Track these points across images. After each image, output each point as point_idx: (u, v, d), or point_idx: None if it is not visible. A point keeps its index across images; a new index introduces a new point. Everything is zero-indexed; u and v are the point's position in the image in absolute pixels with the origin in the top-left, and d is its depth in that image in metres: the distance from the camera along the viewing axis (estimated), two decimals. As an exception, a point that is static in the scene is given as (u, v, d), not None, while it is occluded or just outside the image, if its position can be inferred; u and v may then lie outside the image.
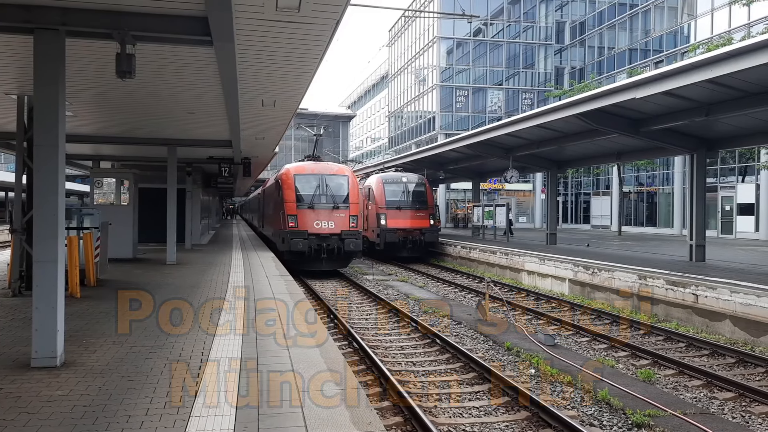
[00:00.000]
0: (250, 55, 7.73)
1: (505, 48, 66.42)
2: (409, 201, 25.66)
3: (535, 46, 67.03)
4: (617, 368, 9.29)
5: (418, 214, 25.46)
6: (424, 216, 25.56)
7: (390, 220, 24.85)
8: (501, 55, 66.55)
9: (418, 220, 25.22)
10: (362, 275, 21.04)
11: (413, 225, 25.08)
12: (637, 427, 6.59)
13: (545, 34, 67.00)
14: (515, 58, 66.81)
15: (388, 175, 27.67)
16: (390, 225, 24.77)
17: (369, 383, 8.15)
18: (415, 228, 25.07)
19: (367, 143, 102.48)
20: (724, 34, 38.51)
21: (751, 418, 7.15)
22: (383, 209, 25.21)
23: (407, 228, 24.96)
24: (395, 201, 25.48)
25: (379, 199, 25.59)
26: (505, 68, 66.76)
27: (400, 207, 25.33)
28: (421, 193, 26.35)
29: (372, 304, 15.04)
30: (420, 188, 26.53)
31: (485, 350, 10.33)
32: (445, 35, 65.24)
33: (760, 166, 34.20)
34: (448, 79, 66.26)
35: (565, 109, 16.81)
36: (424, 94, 69.29)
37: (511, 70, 66.95)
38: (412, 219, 25.16)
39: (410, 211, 25.36)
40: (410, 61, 73.52)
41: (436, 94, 66.15)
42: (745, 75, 11.78)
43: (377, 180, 26.67)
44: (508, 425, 6.72)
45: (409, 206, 25.46)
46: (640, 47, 53.83)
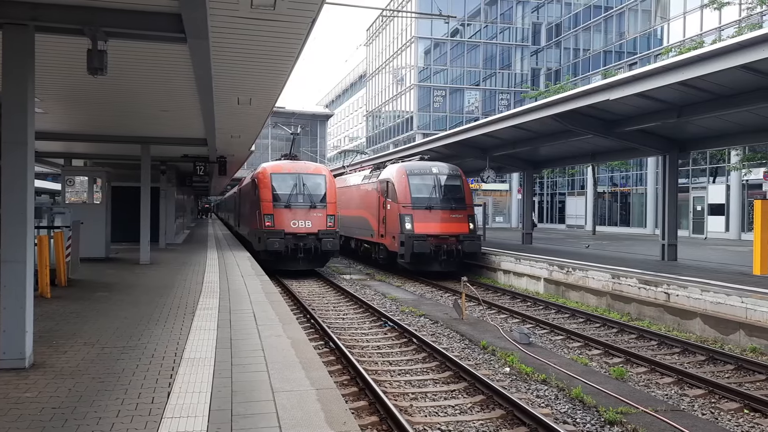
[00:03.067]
0: (225, 52, 7.66)
1: (483, 49, 66.81)
2: (443, 198, 19.93)
3: (512, 47, 67.52)
4: (591, 366, 9.40)
5: (455, 215, 19.73)
6: (461, 218, 19.83)
7: (418, 223, 19.16)
8: (478, 55, 66.93)
9: (455, 224, 19.61)
10: (339, 275, 21.00)
11: (448, 230, 19.41)
12: (610, 425, 6.67)
13: (522, 35, 67.55)
14: (492, 59, 67.24)
15: (414, 164, 21.14)
16: (418, 230, 19.01)
17: (345, 383, 8.14)
18: (451, 234, 19.34)
19: (344, 142, 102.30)
20: (696, 37, 39.22)
21: (721, 414, 7.28)
22: (408, 209, 19.36)
23: (441, 234, 19.22)
24: (424, 198, 19.72)
25: (402, 196, 19.66)
26: (482, 69, 67.16)
27: (431, 206, 19.52)
28: (456, 188, 20.39)
29: (349, 303, 15.02)
30: (455, 181, 20.55)
31: (461, 349, 10.37)
32: (423, 35, 65.42)
33: (730, 168, 34.88)
34: (426, 79, 66.44)
35: (541, 110, 16.96)
36: (401, 93, 69.39)
37: (488, 71, 67.37)
38: (447, 222, 19.58)
39: (444, 212, 19.68)
40: (388, 61, 73.58)
41: (413, 94, 66.29)
42: (715, 78, 12.00)
43: (399, 171, 20.42)
44: (483, 423, 6.76)
45: (442, 205, 19.76)
46: (615, 49, 54.54)
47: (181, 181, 28.12)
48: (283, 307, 9.75)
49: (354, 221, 24.70)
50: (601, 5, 56.27)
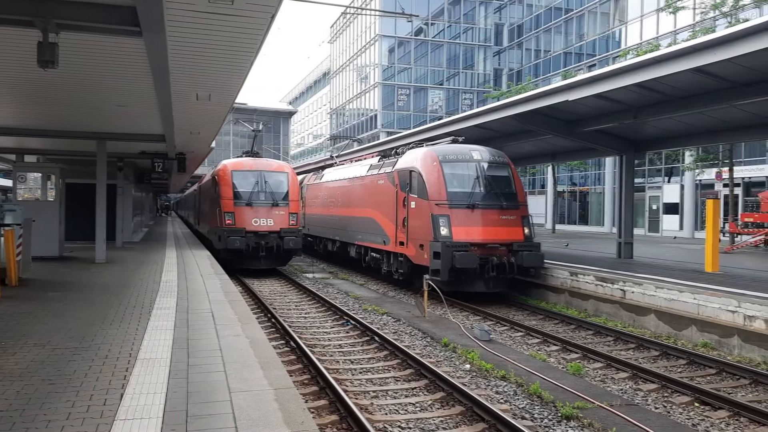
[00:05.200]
0: (183, 47, 7.52)
1: (446, 48, 67.27)
2: (489, 193, 14.90)
3: (475, 47, 68.15)
4: (549, 362, 9.54)
5: (505, 216, 14.76)
6: (514, 220, 14.85)
7: (458, 227, 14.28)
8: (442, 55, 67.37)
9: (506, 228, 14.68)
10: (302, 273, 20.86)
11: (498, 237, 14.47)
12: (566, 420, 6.79)
13: (484, 35, 68.26)
14: (455, 59, 67.77)
15: (447, 148, 16.00)
16: (458, 237, 14.14)
17: (306, 382, 8.08)
18: (502, 242, 14.43)
19: (308, 140, 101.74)
20: (653, 40, 40.22)
21: (673, 407, 7.48)
22: (444, 208, 14.46)
23: (489, 242, 14.33)
24: (465, 194, 14.72)
25: (434, 191, 14.71)
26: (445, 68, 67.62)
27: (474, 205, 14.58)
28: (505, 180, 15.44)
29: (311, 302, 14.93)
30: (502, 170, 15.61)
31: (423, 346, 10.42)
32: (387, 34, 65.51)
33: (684, 168, 35.91)
34: (390, 78, 66.57)
35: (503, 110, 17.14)
36: (366, 91, 69.35)
37: (451, 71, 67.87)
38: (496, 226, 14.62)
39: (491, 212, 14.72)
40: (352, 59, 73.44)
41: (377, 92, 66.33)
42: (669, 80, 12.32)
43: (428, 157, 15.44)
44: (443, 420, 6.80)
45: (488, 203, 14.77)
46: (575, 51, 55.56)
47: (139, 178, 27.53)
48: (243, 307, 9.63)
49: (354, 224, 19.71)
50: (561, 7, 57.23)
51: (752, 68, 11.19)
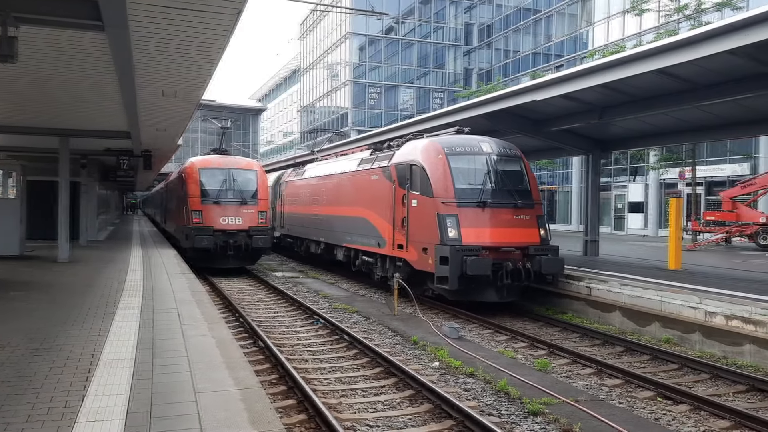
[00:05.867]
0: (147, 42, 7.38)
1: (417, 47, 67.47)
2: (501, 190, 13.35)
3: (445, 46, 68.51)
4: (517, 359, 9.65)
5: (519, 216, 13.22)
6: (529, 220, 13.36)
7: (468, 229, 12.77)
8: (413, 54, 67.56)
9: (520, 229, 13.18)
10: (271, 272, 20.71)
11: (512, 239, 13.00)
12: (533, 415, 6.87)
13: (455, 35, 68.66)
14: (426, 58, 68.03)
15: (452, 139, 14.31)
16: (469, 239, 12.63)
17: (274, 382, 8.02)
18: (517, 245, 12.96)
19: (278, 137, 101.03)
20: (618, 41, 40.95)
21: (636, 402, 7.63)
22: (451, 206, 12.90)
23: (503, 245, 12.82)
24: (474, 191, 13.14)
25: (440, 187, 13.14)
26: (416, 67, 67.85)
27: (486, 203, 13.00)
28: (517, 175, 13.94)
29: (280, 301, 14.84)
30: (515, 164, 14.09)
31: (393, 345, 10.43)
32: (358, 32, 65.41)
33: (649, 167, 36.67)
34: (361, 76, 66.50)
35: (472, 109, 17.24)
36: (336, 89, 69.16)
37: (422, 70, 68.12)
38: (510, 227, 13.12)
39: (504, 212, 13.15)
40: (322, 56, 73.16)
41: (348, 90, 66.21)
42: (634, 81, 12.55)
43: (431, 149, 13.87)
44: (412, 418, 6.82)
45: (501, 201, 13.19)
46: (543, 51, 56.26)
47: (104, 176, 26.95)
48: (210, 306, 9.52)
49: (343, 224, 18.10)
50: (530, 8, 57.89)
51: (712, 70, 11.47)
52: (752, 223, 27.83)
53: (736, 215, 28.28)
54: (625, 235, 36.68)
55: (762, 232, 27.08)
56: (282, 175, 26.85)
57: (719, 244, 28.77)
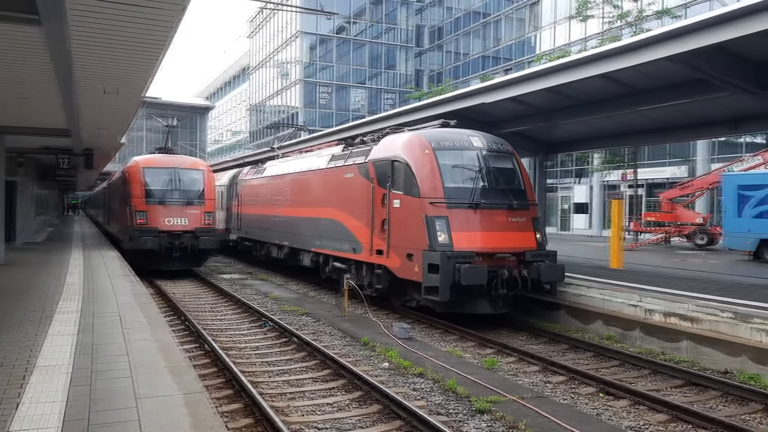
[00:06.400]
0: (87, 37, 7.11)
1: (368, 48, 67.55)
2: (494, 189, 12.12)
3: (397, 47, 68.83)
4: (465, 358, 9.75)
5: (514, 218, 12.04)
6: (524, 223, 12.18)
7: (460, 233, 11.47)
8: (364, 54, 67.61)
9: (515, 233, 11.96)
10: (218, 274, 20.33)
11: (507, 244, 11.78)
12: (480, 413, 6.95)
13: (406, 36, 69.06)
14: (378, 58, 68.19)
15: (439, 133, 12.98)
16: (461, 244, 11.34)
17: (220, 386, 7.87)
18: (513, 251, 11.75)
19: (226, 136, 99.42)
20: (564, 46, 42.01)
21: (579, 398, 7.83)
22: (441, 207, 11.61)
23: (498, 251, 11.60)
24: (466, 190, 11.88)
25: (427, 186, 11.84)
26: (368, 67, 67.91)
27: (478, 204, 11.71)
28: (510, 173, 12.73)
29: (227, 304, 14.58)
30: (507, 161, 12.89)
31: (342, 346, 10.38)
32: (308, 30, 65.00)
33: (593, 170, 37.74)
34: (312, 75, 66.11)
35: (423, 110, 17.30)
36: (286, 88, 68.54)
37: (373, 70, 68.25)
38: (505, 230, 11.89)
39: (499, 214, 11.92)
40: (272, 54, 72.37)
41: (298, 90, 65.72)
42: (578, 85, 12.87)
43: (416, 143, 12.53)
44: (360, 419, 6.81)
45: (494, 202, 11.94)
46: (492, 55, 57.17)
47: (42, 175, 25.94)
48: (154, 310, 9.27)
49: (311, 226, 16.53)
50: (480, 11, 58.74)
51: (652, 76, 11.88)
52: (689, 224, 29.00)
53: (674, 216, 29.42)
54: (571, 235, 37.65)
55: (698, 232, 28.25)
56: (238, 174, 25.24)
57: (659, 244, 29.87)
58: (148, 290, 14.39)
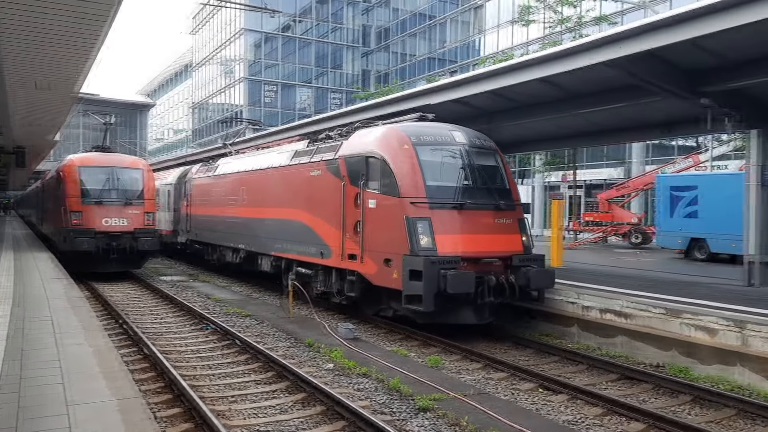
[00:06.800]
0: (16, 31, 6.81)
1: (314, 47, 67.18)
2: (479, 189, 11.30)
3: (343, 47, 68.71)
4: (410, 356, 9.81)
5: (501, 220, 11.29)
6: (510, 225, 11.44)
7: (443, 235, 10.58)
8: (310, 53, 67.19)
9: (502, 235, 11.21)
10: (159, 276, 19.80)
11: (494, 247, 11.00)
12: (423, 411, 7.02)
13: (353, 36, 69.02)
14: (324, 58, 67.90)
15: (419, 127, 12.06)
16: (445, 248, 10.46)
17: (159, 391, 7.67)
18: (500, 255, 10.97)
19: (168, 135, 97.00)
20: (507, 50, 42.88)
21: (519, 394, 8.01)
22: (423, 208, 10.69)
23: (485, 256, 10.79)
24: (449, 189, 11.00)
25: (407, 184, 10.89)
26: (314, 66, 67.51)
27: (463, 205, 10.89)
28: (494, 171, 11.94)
29: (168, 306, 14.22)
30: (490, 158, 12.03)
31: (286, 348, 10.28)
32: (253, 28, 64.09)
33: (535, 170, 38.67)
34: (257, 73, 65.23)
35: (371, 110, 17.24)
36: (230, 86, 67.42)
37: (320, 69, 67.91)
38: (490, 233, 11.09)
39: (485, 215, 11.15)
40: (215, 51, 71.04)
41: (243, 88, 64.74)
42: (519, 88, 13.14)
43: (394, 138, 11.58)
44: (303, 421, 6.76)
45: (480, 202, 11.14)
46: (438, 57, 57.80)
47: (-31, 173, 24.67)
48: (89, 313, 8.96)
49: (271, 228, 15.41)
50: (425, 13, 59.30)
51: (590, 80, 12.24)
52: (625, 223, 30.11)
53: (612, 216, 30.49)
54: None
55: (634, 231, 29.36)
56: (187, 172, 23.61)
57: (597, 243, 30.89)
58: (84, 293, 13.90)
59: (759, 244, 13.14)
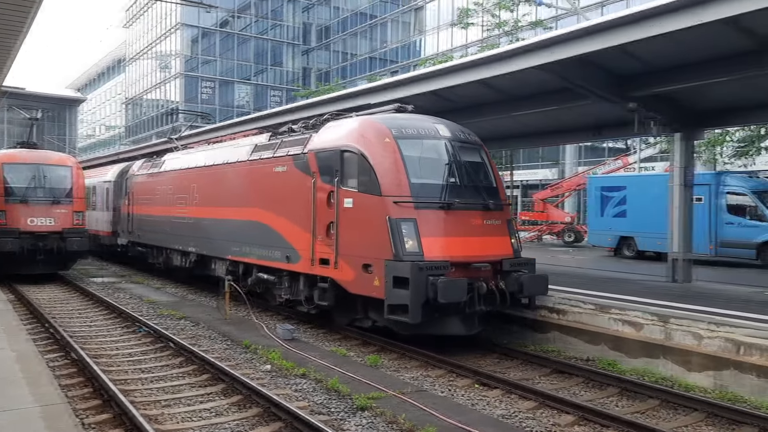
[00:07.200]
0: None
1: (253, 43, 66.19)
2: (467, 187, 10.35)
3: (283, 44, 68.00)
4: (349, 356, 9.81)
5: (490, 222, 10.35)
6: (499, 226, 10.52)
7: (430, 238, 9.61)
8: (249, 49, 66.18)
9: (493, 238, 10.31)
10: (89, 278, 19.05)
11: (485, 251, 10.06)
12: (361, 410, 7.04)
13: (293, 33, 68.40)
14: (263, 55, 67.00)
15: (398, 120, 10.94)
16: (432, 252, 9.49)
17: (87, 396, 7.39)
18: (490, 259, 10.03)
19: (100, 131, 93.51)
20: (447, 51, 43.49)
21: (456, 390, 8.15)
22: (407, 208, 9.69)
23: (474, 260, 9.84)
24: (435, 187, 10.06)
25: (389, 181, 9.89)
26: (253, 63, 66.52)
27: (450, 204, 9.88)
28: (481, 168, 11.01)
29: (98, 309, 13.72)
30: (475, 155, 11.02)
31: (223, 350, 10.10)
32: (189, 23, 62.54)
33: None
34: (194, 69, 63.71)
35: (314, 108, 17.09)
36: (166, 82, 65.58)
37: (259, 66, 66.96)
38: (481, 235, 10.17)
39: (474, 216, 10.18)
40: (150, 46, 68.94)
41: (179, 84, 63.09)
42: (459, 90, 13.36)
43: (373, 130, 10.55)
44: (239, 423, 6.65)
45: (468, 202, 10.16)
46: (379, 56, 58.01)
47: None
48: (12, 317, 8.56)
49: (227, 230, 14.25)
50: (367, 13, 59.40)
51: (524, 83, 12.57)
52: (559, 222, 31.08)
53: (546, 215, 31.41)
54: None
55: (567, 230, 30.34)
56: (128, 169, 21.72)
57: (533, 242, 31.75)
58: (8, 296, 13.27)
59: (682, 242, 13.84)
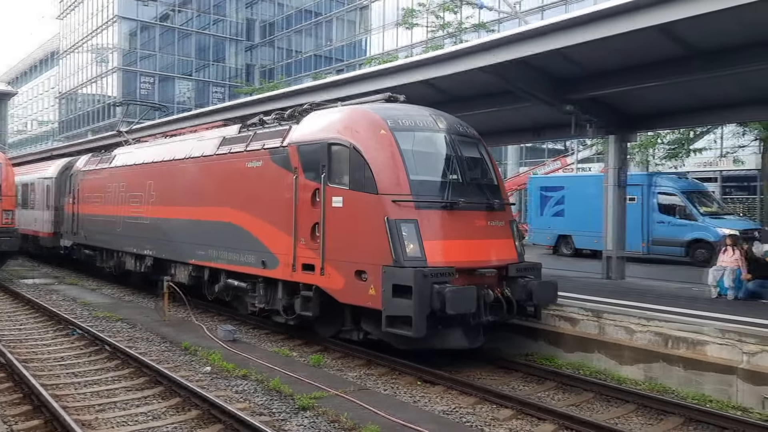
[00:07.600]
0: None
1: (195, 38, 64.72)
2: (469, 185, 9.52)
3: (226, 40, 66.80)
4: (292, 356, 9.74)
5: (494, 223, 9.50)
6: (503, 228, 9.67)
7: (432, 241, 8.63)
8: (190, 45, 64.67)
9: (497, 241, 9.48)
10: (19, 279, 18.20)
11: (490, 255, 9.26)
12: (303, 410, 7.00)
13: (236, 29, 67.24)
14: (205, 50, 65.63)
15: (393, 110, 9.86)
16: (435, 256, 8.52)
17: (17, 402, 7.11)
18: (496, 264, 9.21)
19: (32, 126, 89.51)
20: (392, 51, 43.71)
21: (399, 388, 8.21)
22: (407, 208, 8.70)
23: (480, 265, 8.95)
24: (437, 185, 9.22)
25: (387, 178, 8.85)
26: (195, 59, 65.06)
27: (454, 204, 8.93)
28: (482, 165, 10.15)
29: (29, 311, 13.14)
30: (475, 150, 10.09)
31: (161, 352, 9.86)
32: (127, 16, 60.55)
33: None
34: (132, 63, 61.77)
35: (259, 105, 16.81)
36: (103, 76, 63.36)
37: (201, 62, 65.54)
38: (486, 238, 9.31)
39: (478, 216, 9.30)
40: (86, 39, 66.42)
41: (117, 78, 61.07)
42: (403, 90, 13.22)
43: (366, 121, 9.50)
44: (177, 426, 6.51)
45: (472, 201, 9.27)
46: (325, 54, 57.72)
47: None
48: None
49: (191, 231, 12.94)
50: (311, 10, 58.99)
51: (467, 84, 12.77)
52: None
53: (489, 214, 31.88)
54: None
55: (509, 229, 30.91)
56: (73, 164, 20.14)
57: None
58: (-73, 299, 12.52)
59: (616, 240, 14.36)
